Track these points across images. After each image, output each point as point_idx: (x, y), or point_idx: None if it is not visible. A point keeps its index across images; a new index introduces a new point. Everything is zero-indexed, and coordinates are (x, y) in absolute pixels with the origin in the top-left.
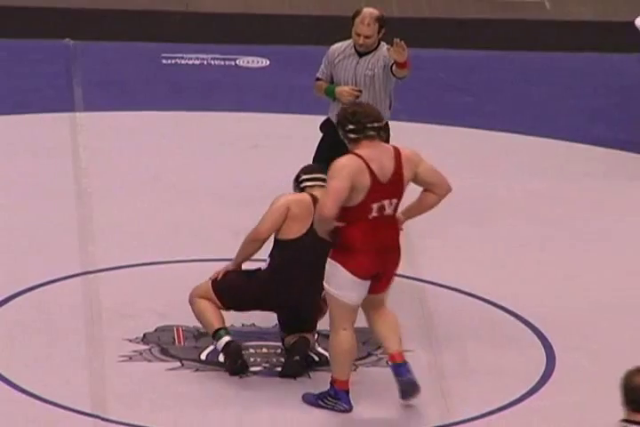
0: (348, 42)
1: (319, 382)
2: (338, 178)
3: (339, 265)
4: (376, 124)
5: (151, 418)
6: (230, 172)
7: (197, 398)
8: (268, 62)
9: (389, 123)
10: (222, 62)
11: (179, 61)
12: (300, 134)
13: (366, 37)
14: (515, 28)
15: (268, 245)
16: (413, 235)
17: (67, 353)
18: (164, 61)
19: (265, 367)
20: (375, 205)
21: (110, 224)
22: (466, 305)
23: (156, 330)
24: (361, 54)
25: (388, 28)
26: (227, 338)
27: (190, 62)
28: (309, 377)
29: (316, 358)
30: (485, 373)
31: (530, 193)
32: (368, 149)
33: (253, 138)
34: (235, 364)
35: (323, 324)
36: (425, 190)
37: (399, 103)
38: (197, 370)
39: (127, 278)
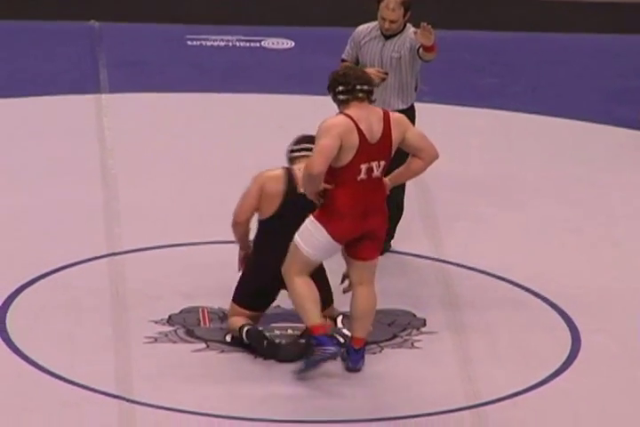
0: (374, 23)
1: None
2: (327, 136)
3: (320, 226)
4: (366, 87)
5: (176, 399)
6: (255, 153)
7: (222, 379)
8: (293, 44)
9: (415, 104)
10: (247, 44)
11: (204, 43)
12: (324, 116)
13: (392, 22)
14: (539, 10)
15: None
16: (439, 216)
17: (92, 335)
18: (189, 43)
19: None
20: (364, 167)
21: (136, 206)
22: (491, 286)
23: (181, 311)
24: (387, 37)
25: (413, 9)
26: (245, 327)
27: (215, 44)
28: (335, 359)
29: (341, 340)
30: (511, 354)
31: (556, 174)
32: (357, 110)
33: (278, 119)
34: (262, 346)
35: (344, 305)
36: (412, 156)
37: (424, 85)
38: (222, 351)
39: (153, 260)
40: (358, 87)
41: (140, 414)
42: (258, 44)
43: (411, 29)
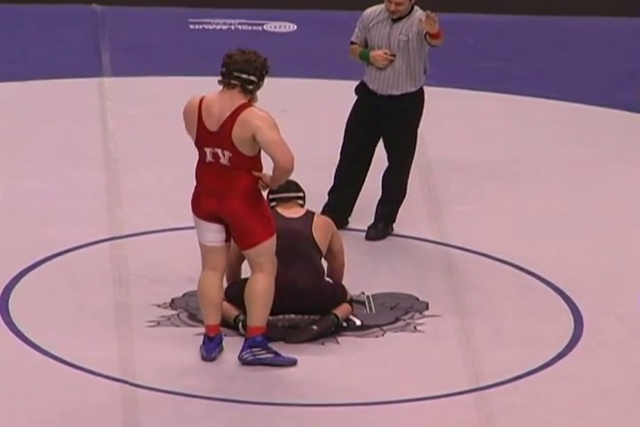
0: (382, 6)
1: (347, 346)
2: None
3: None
4: (244, 76)
5: (179, 383)
6: None
7: (225, 363)
8: (296, 27)
9: (424, 88)
10: (250, 27)
11: (206, 26)
12: (327, 99)
13: (397, 4)
14: None
15: None
16: (443, 200)
17: (95, 319)
18: (191, 26)
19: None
20: (208, 151)
21: (138, 190)
22: (494, 270)
23: (183, 295)
24: (394, 19)
25: None
26: (241, 317)
27: (218, 27)
28: (337, 342)
29: (345, 324)
30: (513, 338)
31: (562, 159)
32: (216, 96)
33: (281, 103)
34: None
35: (354, 289)
36: None
37: (428, 68)
38: (225, 335)
39: (155, 244)
40: (235, 74)
41: (142, 398)
42: (260, 28)
43: (418, 12)
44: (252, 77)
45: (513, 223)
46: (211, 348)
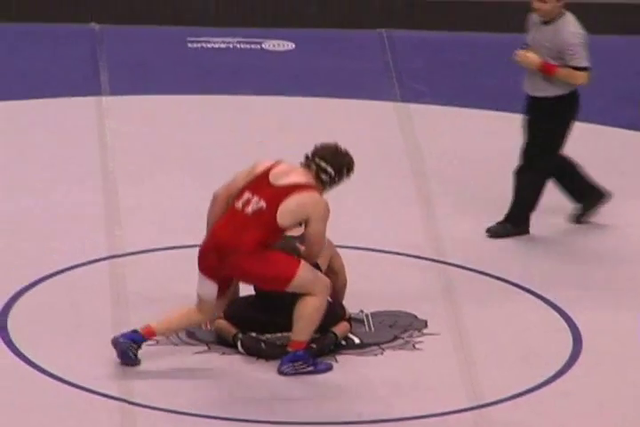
0: None
1: (346, 364)
2: None
3: None
4: (322, 164)
5: (177, 402)
6: (256, 155)
7: (224, 381)
8: (294, 46)
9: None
10: (248, 46)
11: (204, 45)
12: (325, 118)
13: (541, 1)
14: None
15: None
16: (440, 217)
17: (93, 337)
18: (189, 45)
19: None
20: (245, 194)
21: (137, 208)
22: (493, 288)
23: None
24: (544, 22)
25: (415, 9)
26: (239, 336)
27: (216, 46)
28: (336, 361)
29: (343, 343)
30: (512, 355)
31: None
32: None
33: (279, 121)
34: (260, 347)
35: (353, 307)
36: None
37: (424, 85)
38: (224, 353)
39: (154, 262)
40: (316, 160)
41: (141, 417)
42: (258, 46)
43: (568, 18)
44: (329, 168)
45: (511, 241)
46: (129, 337)
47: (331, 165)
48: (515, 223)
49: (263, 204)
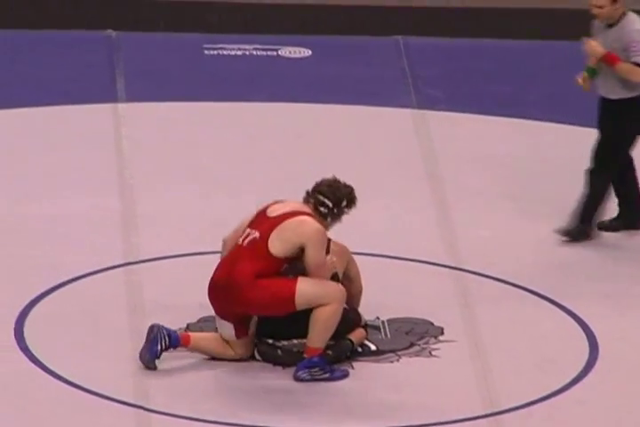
0: None
1: (362, 371)
2: None
3: None
4: (320, 197)
5: (193, 408)
6: (272, 163)
7: (240, 388)
8: (310, 53)
9: (429, 113)
10: (264, 53)
11: (221, 52)
12: (341, 125)
13: (597, 7)
14: (555, 18)
15: None
16: (458, 224)
17: (109, 344)
18: (206, 52)
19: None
20: (247, 231)
21: (153, 215)
22: (509, 295)
23: (198, 321)
24: (608, 25)
25: (434, 17)
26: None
27: (232, 53)
28: (352, 368)
29: (360, 349)
30: (528, 363)
31: (577, 183)
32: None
33: (296, 129)
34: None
35: (369, 314)
36: None
37: (440, 92)
38: (239, 360)
39: (170, 269)
40: (315, 194)
41: (156, 424)
42: (275, 53)
43: (631, 18)
44: (327, 201)
45: (528, 248)
46: (167, 330)
47: (328, 197)
48: (585, 223)
49: (257, 234)
